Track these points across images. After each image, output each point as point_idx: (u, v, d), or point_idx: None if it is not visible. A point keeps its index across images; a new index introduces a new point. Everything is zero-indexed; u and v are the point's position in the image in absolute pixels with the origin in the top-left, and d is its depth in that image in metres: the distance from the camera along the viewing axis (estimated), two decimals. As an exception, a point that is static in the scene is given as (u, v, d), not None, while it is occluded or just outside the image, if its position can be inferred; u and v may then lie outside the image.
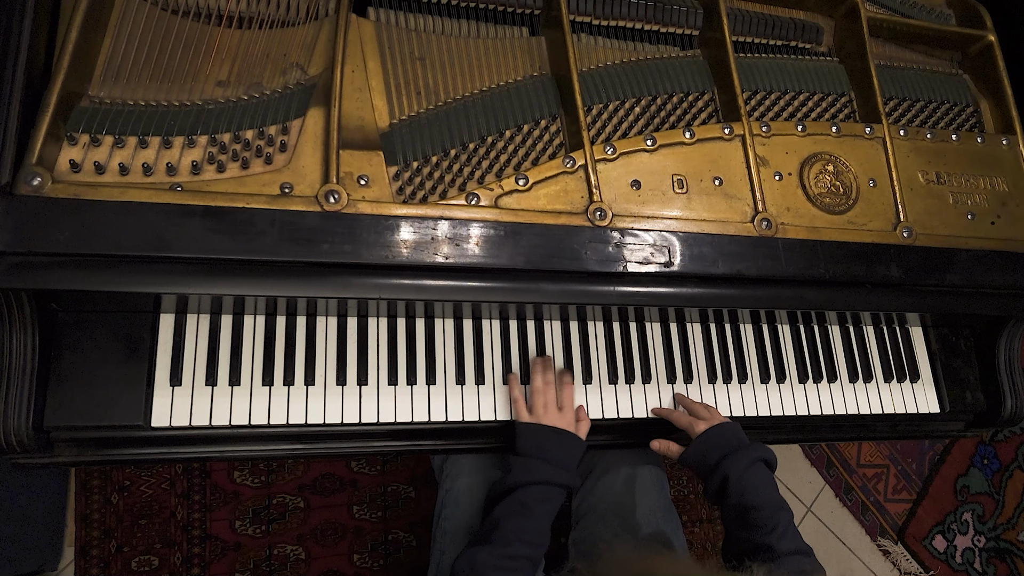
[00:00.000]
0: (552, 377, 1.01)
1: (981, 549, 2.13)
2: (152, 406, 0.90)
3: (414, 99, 0.99)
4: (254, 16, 0.96)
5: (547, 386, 1.00)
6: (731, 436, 0.99)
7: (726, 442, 0.98)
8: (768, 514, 0.92)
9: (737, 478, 0.94)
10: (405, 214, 0.89)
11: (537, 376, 1.01)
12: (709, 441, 0.98)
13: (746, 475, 0.94)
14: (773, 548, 0.89)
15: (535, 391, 1.00)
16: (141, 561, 1.56)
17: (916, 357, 1.26)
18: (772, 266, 1.02)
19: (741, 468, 0.94)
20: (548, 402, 0.98)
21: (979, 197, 1.18)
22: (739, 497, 0.93)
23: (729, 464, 0.95)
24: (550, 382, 1.00)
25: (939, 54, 1.33)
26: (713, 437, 0.99)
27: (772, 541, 0.90)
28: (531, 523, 0.90)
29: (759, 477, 0.95)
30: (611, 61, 1.10)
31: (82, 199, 0.79)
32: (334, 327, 1.00)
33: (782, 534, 0.91)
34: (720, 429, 1.00)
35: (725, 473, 0.94)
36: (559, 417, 0.98)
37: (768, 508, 0.92)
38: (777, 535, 0.90)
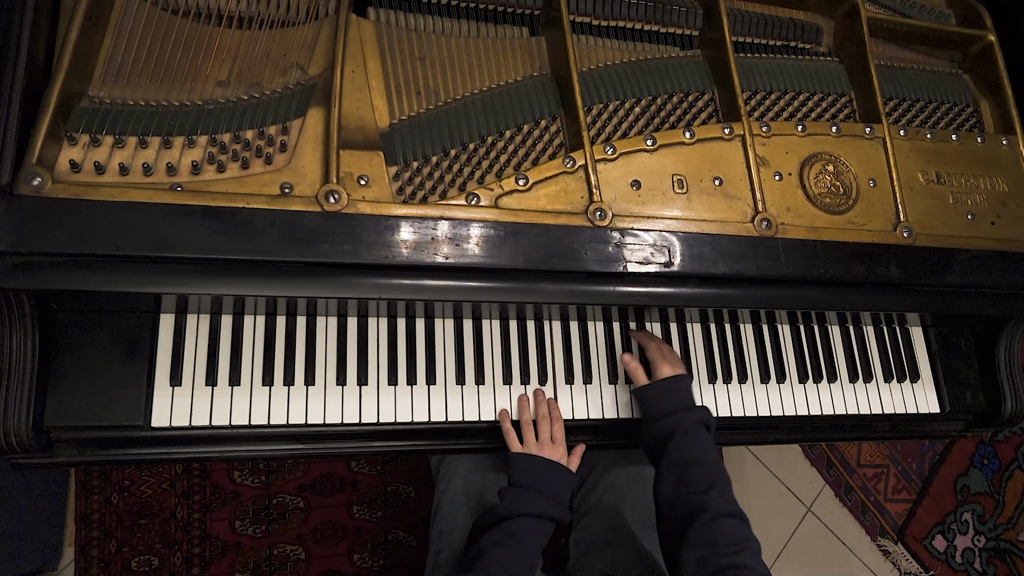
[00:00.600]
0: (546, 411, 1.00)
1: (981, 549, 2.13)
2: (152, 406, 0.90)
3: (414, 99, 0.99)
4: (254, 16, 0.96)
5: (542, 420, 0.99)
6: (687, 391, 1.01)
7: (682, 395, 1.00)
8: (707, 471, 0.91)
9: (684, 432, 0.95)
10: (405, 214, 0.89)
11: (525, 410, 1.01)
12: (669, 388, 1.00)
13: (692, 431, 0.95)
14: (708, 507, 0.88)
15: (526, 423, 0.99)
16: (141, 561, 1.56)
17: (916, 357, 1.26)
18: (772, 266, 1.02)
19: (688, 424, 0.95)
20: (541, 434, 0.98)
21: (979, 197, 1.18)
22: (682, 452, 0.94)
23: (681, 418, 0.96)
24: (544, 416, 1.00)
25: (939, 54, 1.33)
26: (674, 386, 1.00)
27: (709, 499, 0.89)
28: (516, 554, 0.89)
29: (703, 437, 0.96)
30: (611, 61, 1.10)
31: (82, 199, 0.79)
32: (334, 327, 1.00)
33: (719, 494, 0.90)
34: (679, 381, 1.01)
35: (675, 425, 0.96)
36: (552, 450, 0.97)
37: (709, 466, 0.92)
38: (714, 494, 0.89)
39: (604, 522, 1.12)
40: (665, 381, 1.00)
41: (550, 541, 0.94)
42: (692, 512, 0.89)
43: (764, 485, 2.04)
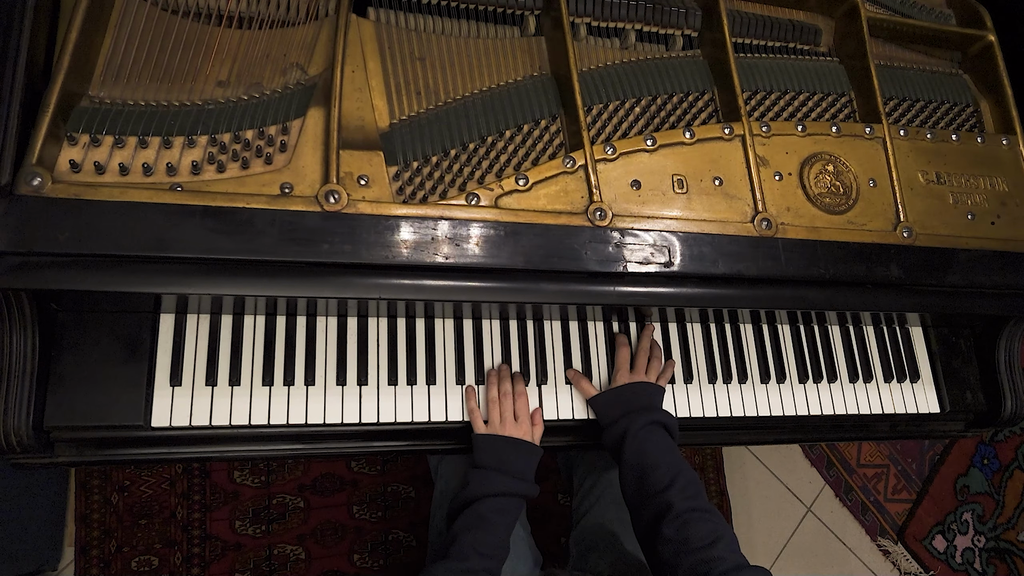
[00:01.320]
0: (509, 387, 1.00)
1: (981, 549, 2.13)
2: (152, 406, 0.90)
3: (414, 99, 0.99)
4: (254, 16, 0.96)
5: (504, 397, 0.99)
6: (642, 396, 1.00)
7: (634, 400, 0.99)
8: (664, 471, 0.91)
9: (633, 435, 0.95)
10: (405, 214, 0.89)
11: (493, 387, 1.00)
12: (616, 396, 1.00)
13: (642, 433, 0.95)
14: (672, 505, 0.87)
15: (492, 401, 0.99)
16: (141, 561, 1.56)
17: (916, 357, 1.26)
18: (772, 266, 1.02)
19: (637, 426, 0.95)
20: (504, 413, 0.98)
21: (979, 197, 1.18)
22: (635, 456, 0.94)
23: (628, 421, 0.96)
24: (507, 392, 0.99)
25: (939, 54, 1.33)
26: (626, 393, 1.00)
27: (670, 498, 0.88)
28: (489, 536, 0.89)
29: (657, 438, 0.95)
30: (611, 61, 1.10)
31: (82, 199, 0.79)
32: (334, 327, 1.00)
33: (679, 490, 0.89)
34: (633, 388, 1.01)
35: (623, 429, 0.96)
36: (515, 427, 0.98)
37: (664, 467, 0.92)
38: (674, 491, 0.89)
39: (604, 522, 1.12)
40: (613, 390, 1.02)
41: (549, 540, 0.94)
42: (658, 512, 0.89)
43: (764, 485, 2.04)
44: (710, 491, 1.95)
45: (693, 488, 0.91)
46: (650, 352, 1.08)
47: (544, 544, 1.17)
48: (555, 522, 1.77)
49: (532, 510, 1.76)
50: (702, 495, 0.92)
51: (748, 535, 1.96)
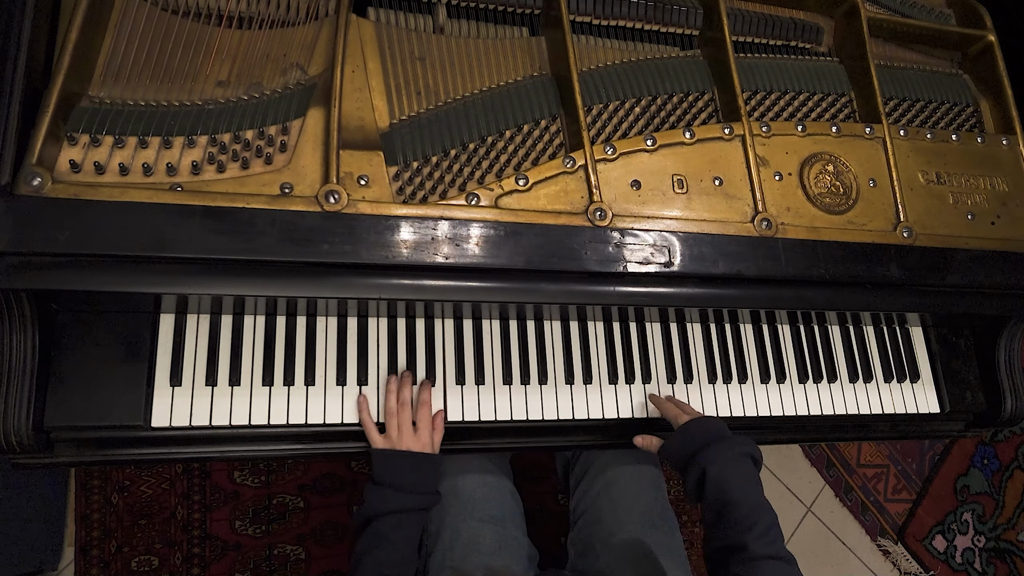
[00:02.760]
0: (408, 395, 0.97)
1: (981, 549, 2.13)
2: (152, 406, 0.90)
3: (414, 99, 0.99)
4: (254, 16, 0.96)
5: (402, 407, 0.96)
6: (713, 428, 0.95)
7: (707, 433, 0.93)
8: (746, 512, 0.85)
9: (716, 471, 0.88)
10: (405, 214, 0.89)
11: (391, 396, 0.96)
12: (689, 432, 0.95)
13: (726, 468, 0.89)
14: (747, 548, 0.83)
15: (389, 413, 0.96)
16: (141, 561, 1.56)
17: (916, 357, 1.26)
18: (772, 266, 1.02)
19: (721, 461, 0.89)
20: (403, 424, 0.95)
21: (979, 197, 1.18)
22: (717, 493, 0.87)
23: (709, 455, 0.90)
24: (406, 402, 0.96)
25: (939, 54, 1.33)
26: (694, 428, 0.95)
27: (748, 540, 0.83)
28: (390, 554, 0.88)
29: (740, 471, 0.89)
30: (611, 61, 1.10)
31: (82, 199, 0.79)
32: (334, 327, 1.00)
33: (760, 535, 0.84)
34: (701, 422, 0.96)
35: (704, 466, 0.89)
36: (414, 439, 0.95)
37: (747, 505, 0.86)
38: (754, 535, 0.83)
39: (601, 523, 1.12)
40: (683, 427, 0.96)
41: (548, 541, 0.94)
42: (732, 547, 0.85)
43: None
44: (710, 491, 1.95)
45: (773, 533, 0.85)
46: None
47: (543, 544, 1.17)
48: (554, 522, 1.77)
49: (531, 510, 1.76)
50: (780, 540, 0.86)
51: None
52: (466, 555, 1.02)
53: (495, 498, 1.09)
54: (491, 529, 1.05)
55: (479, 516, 1.06)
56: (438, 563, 1.02)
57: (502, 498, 1.11)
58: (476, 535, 1.03)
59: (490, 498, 1.09)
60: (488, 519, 1.06)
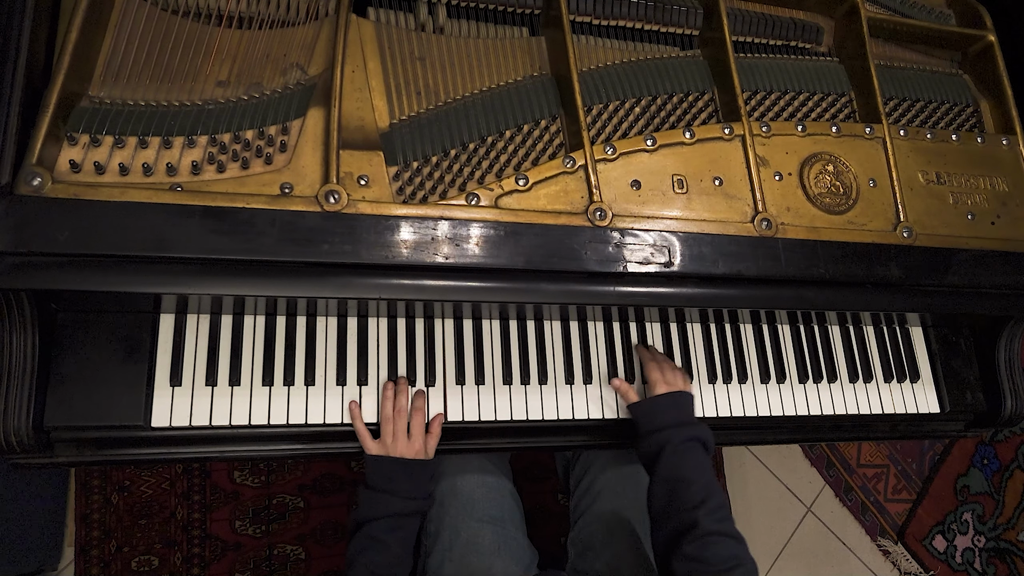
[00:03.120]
0: (405, 402, 0.97)
1: (981, 549, 2.13)
2: (152, 406, 0.90)
3: (414, 99, 0.99)
4: (254, 16, 0.96)
5: (398, 414, 0.96)
6: (682, 408, 1.00)
7: (675, 414, 0.99)
8: (697, 489, 0.91)
9: (673, 449, 0.95)
10: (405, 214, 0.89)
11: (388, 403, 0.97)
12: (659, 404, 1.00)
13: (681, 447, 0.95)
14: (699, 524, 0.87)
15: (385, 419, 0.96)
16: (141, 561, 1.56)
17: (916, 357, 1.26)
18: (772, 266, 1.02)
19: (678, 441, 0.95)
20: (398, 431, 0.95)
21: (979, 197, 1.18)
22: (671, 469, 0.93)
23: (669, 435, 0.96)
24: (402, 409, 0.96)
25: (939, 54, 1.33)
26: (666, 403, 1.00)
27: (698, 516, 0.88)
28: (383, 556, 0.89)
29: (694, 455, 0.95)
30: (611, 61, 1.10)
31: (82, 199, 0.79)
32: (334, 327, 1.00)
33: (711, 510, 0.88)
34: (672, 400, 1.01)
35: (663, 443, 0.96)
36: (407, 446, 0.95)
37: (698, 484, 0.91)
38: (705, 511, 0.88)
39: (602, 522, 1.12)
40: (655, 399, 1.01)
41: (548, 541, 0.95)
42: (682, 527, 0.89)
43: (764, 485, 2.04)
44: (710, 491, 1.95)
45: (723, 512, 0.91)
46: None
47: (544, 544, 1.17)
48: (554, 522, 1.77)
49: (532, 510, 1.76)
50: (731, 520, 0.91)
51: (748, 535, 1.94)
52: (465, 555, 1.02)
53: (494, 498, 1.09)
54: (490, 529, 1.05)
55: (478, 516, 1.06)
56: (437, 563, 1.02)
57: (502, 498, 1.11)
58: (475, 535, 1.03)
59: (489, 498, 1.09)
60: (487, 519, 1.06)
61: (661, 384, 1.03)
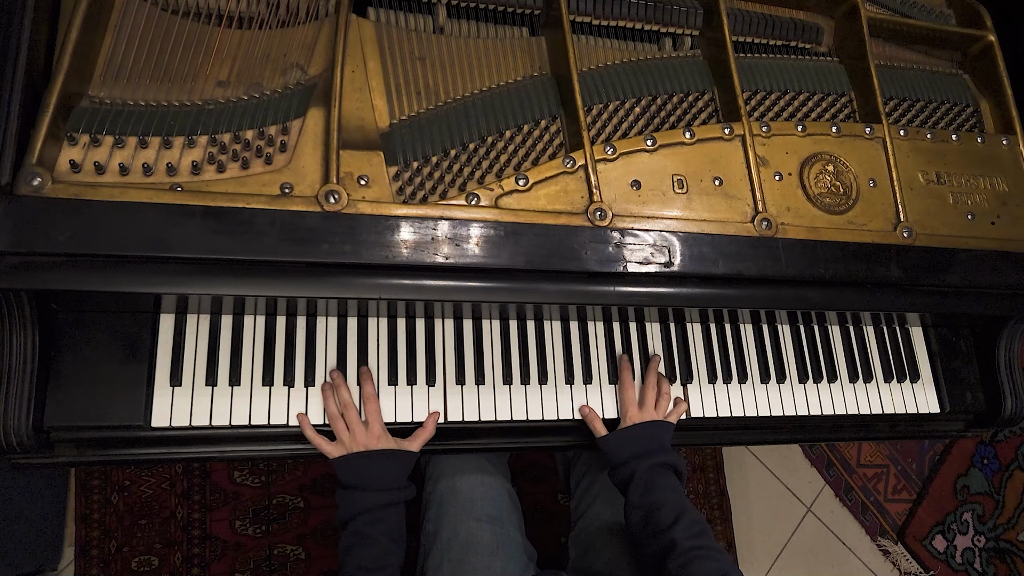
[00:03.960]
0: (347, 395, 0.95)
1: (981, 549, 2.13)
2: (152, 406, 0.90)
3: (414, 99, 0.99)
4: (254, 16, 0.96)
5: (345, 409, 0.94)
6: (650, 441, 1.00)
7: (642, 445, 0.99)
8: (669, 509, 0.92)
9: (641, 475, 0.96)
10: (405, 214, 0.89)
11: (329, 402, 0.95)
12: (628, 437, 1.00)
13: (648, 475, 0.96)
14: (677, 544, 0.88)
15: (332, 418, 0.94)
16: (141, 561, 1.56)
17: (916, 357, 1.26)
18: (772, 266, 1.02)
19: (644, 468, 0.96)
20: (351, 424, 0.93)
21: (979, 197, 1.18)
22: (642, 495, 0.95)
23: (636, 465, 0.97)
24: (347, 403, 0.94)
25: (939, 54, 1.33)
26: (634, 432, 1.01)
27: (675, 535, 0.89)
28: (370, 550, 0.89)
29: (663, 480, 0.96)
30: (611, 61, 1.10)
31: (82, 199, 0.79)
32: (334, 327, 1.00)
33: (685, 527, 0.89)
34: (644, 430, 1.01)
35: (631, 471, 0.97)
36: (366, 436, 0.93)
37: (670, 504, 0.93)
38: (679, 528, 0.89)
39: (602, 522, 1.12)
40: (622, 431, 1.02)
41: (548, 540, 0.95)
42: (662, 550, 0.90)
43: (764, 485, 2.04)
44: (710, 491, 1.96)
45: (698, 527, 0.91)
46: (658, 387, 1.06)
47: (543, 544, 1.17)
48: (555, 522, 1.77)
49: (532, 510, 1.76)
50: (708, 534, 0.92)
51: (748, 535, 1.96)
52: (464, 555, 1.02)
53: (493, 498, 1.09)
54: (489, 529, 1.05)
55: (476, 516, 1.06)
56: (436, 562, 1.02)
57: (500, 498, 1.11)
58: (474, 535, 1.03)
59: (488, 498, 1.09)
60: (486, 519, 1.06)
61: (632, 410, 1.03)
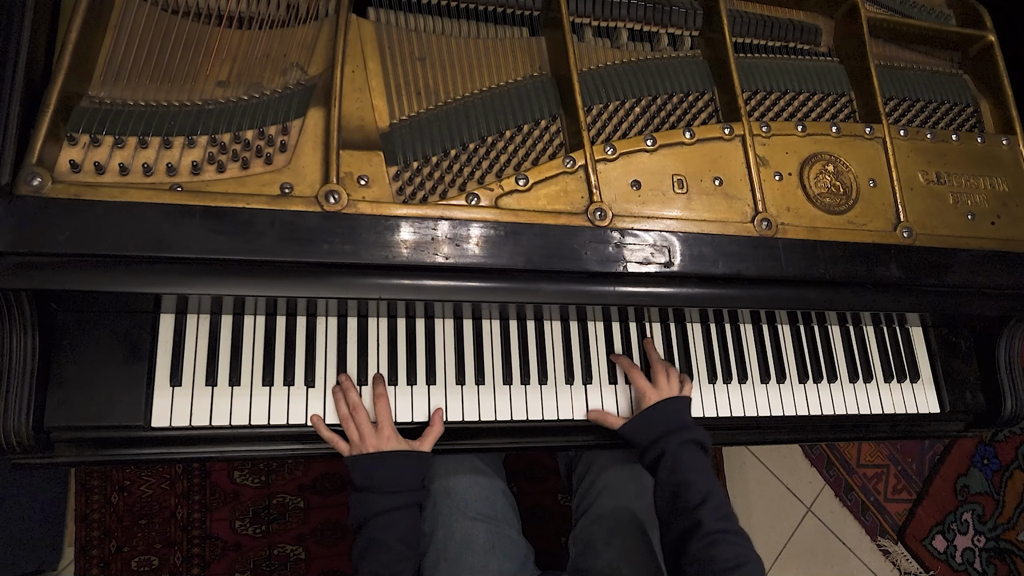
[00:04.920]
0: (356, 397, 0.95)
1: (981, 549, 2.13)
2: (152, 406, 0.90)
3: (414, 99, 0.99)
4: (254, 16, 0.96)
5: (355, 410, 0.94)
6: (673, 415, 1.01)
7: (665, 421, 1.00)
8: (697, 490, 0.92)
9: (670, 455, 0.96)
10: (405, 214, 0.89)
11: (340, 404, 0.95)
12: (650, 418, 1.01)
13: (678, 451, 0.96)
14: (702, 524, 0.88)
15: (343, 420, 0.94)
16: (141, 561, 1.56)
17: (916, 357, 1.26)
18: (772, 266, 1.02)
19: (673, 445, 0.97)
20: (361, 426, 0.93)
21: (979, 197, 1.18)
22: (670, 473, 0.95)
23: (665, 442, 0.97)
24: (357, 405, 0.94)
25: (939, 54, 1.33)
26: (656, 415, 1.01)
27: (701, 516, 0.89)
28: (385, 554, 0.88)
29: (691, 457, 0.96)
30: (611, 61, 1.10)
31: (82, 199, 0.79)
32: (334, 327, 1.00)
33: (712, 508, 0.90)
34: (663, 408, 1.01)
35: (659, 451, 0.97)
36: (376, 437, 0.93)
37: (698, 484, 0.93)
38: (706, 509, 0.90)
39: (602, 521, 1.12)
40: (644, 414, 1.02)
41: (548, 540, 0.95)
42: (687, 529, 0.90)
43: (764, 485, 2.04)
44: (710, 491, 1.95)
45: (725, 509, 0.92)
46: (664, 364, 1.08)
47: (543, 544, 1.17)
48: (555, 522, 1.77)
49: (532, 510, 1.76)
50: (733, 518, 0.92)
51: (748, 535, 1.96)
52: (460, 554, 1.02)
53: (487, 497, 1.09)
54: (484, 528, 1.05)
55: (472, 515, 1.06)
56: (432, 562, 1.02)
57: (495, 497, 1.11)
58: (469, 534, 1.03)
59: (482, 497, 1.09)
60: (481, 518, 1.06)
61: (651, 393, 1.03)
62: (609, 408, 1.07)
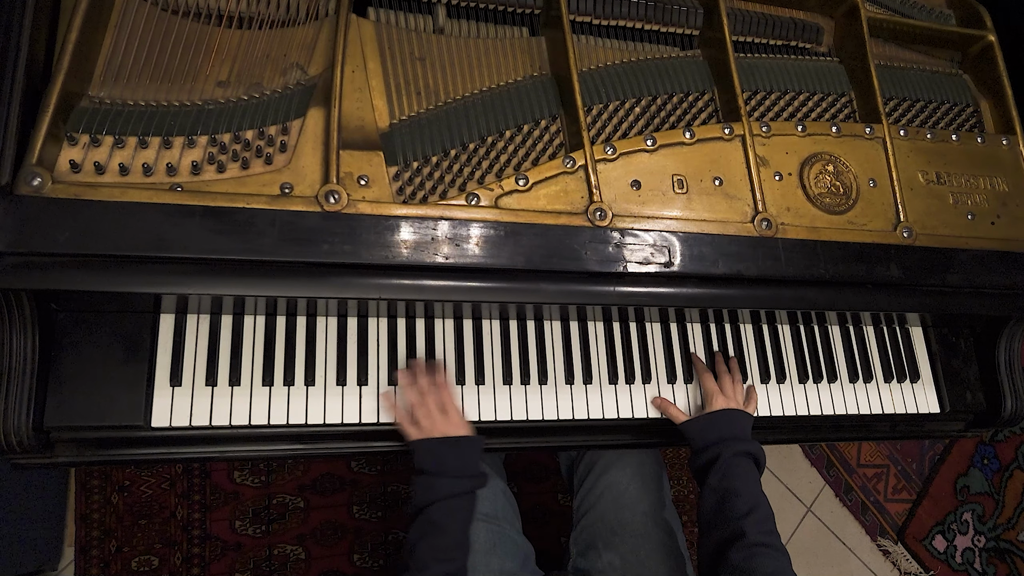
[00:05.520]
0: (426, 382, 0.97)
1: (981, 549, 2.13)
2: (152, 406, 0.90)
3: (414, 99, 0.99)
4: (254, 16, 0.96)
5: (425, 395, 0.96)
6: (736, 424, 1.02)
7: (730, 429, 1.01)
8: (745, 500, 0.93)
9: (724, 461, 0.97)
10: (405, 214, 0.89)
11: (410, 390, 0.97)
12: (713, 422, 1.02)
13: (732, 459, 0.97)
14: (746, 534, 0.89)
15: (415, 404, 0.96)
16: (141, 561, 1.56)
17: (916, 357, 1.26)
18: (772, 266, 1.02)
19: (729, 453, 0.98)
20: (432, 411, 0.95)
21: (979, 197, 1.18)
22: (721, 479, 0.96)
23: (722, 447, 0.98)
24: (425, 388, 0.96)
25: (939, 54, 1.33)
26: (720, 420, 1.02)
27: (745, 527, 0.89)
28: (444, 539, 0.89)
29: (744, 468, 0.97)
30: (611, 61, 1.10)
31: (82, 199, 0.79)
32: (334, 327, 1.00)
33: (758, 521, 0.91)
34: (728, 416, 1.02)
35: (716, 454, 0.98)
36: (446, 422, 0.94)
37: (747, 495, 0.94)
38: (752, 521, 0.90)
39: (603, 522, 1.12)
40: (708, 415, 1.03)
41: (548, 540, 0.95)
42: (729, 537, 0.91)
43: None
44: (710, 491, 1.95)
45: (770, 524, 0.92)
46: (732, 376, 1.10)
47: (543, 544, 1.17)
48: (555, 522, 1.77)
49: (532, 510, 1.76)
50: (777, 535, 0.93)
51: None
52: None
53: (488, 497, 1.09)
54: (485, 527, 1.05)
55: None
56: None
57: (495, 497, 1.11)
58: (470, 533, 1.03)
59: (483, 497, 1.09)
60: (481, 517, 1.06)
61: (718, 397, 1.05)
62: (609, 406, 1.07)
